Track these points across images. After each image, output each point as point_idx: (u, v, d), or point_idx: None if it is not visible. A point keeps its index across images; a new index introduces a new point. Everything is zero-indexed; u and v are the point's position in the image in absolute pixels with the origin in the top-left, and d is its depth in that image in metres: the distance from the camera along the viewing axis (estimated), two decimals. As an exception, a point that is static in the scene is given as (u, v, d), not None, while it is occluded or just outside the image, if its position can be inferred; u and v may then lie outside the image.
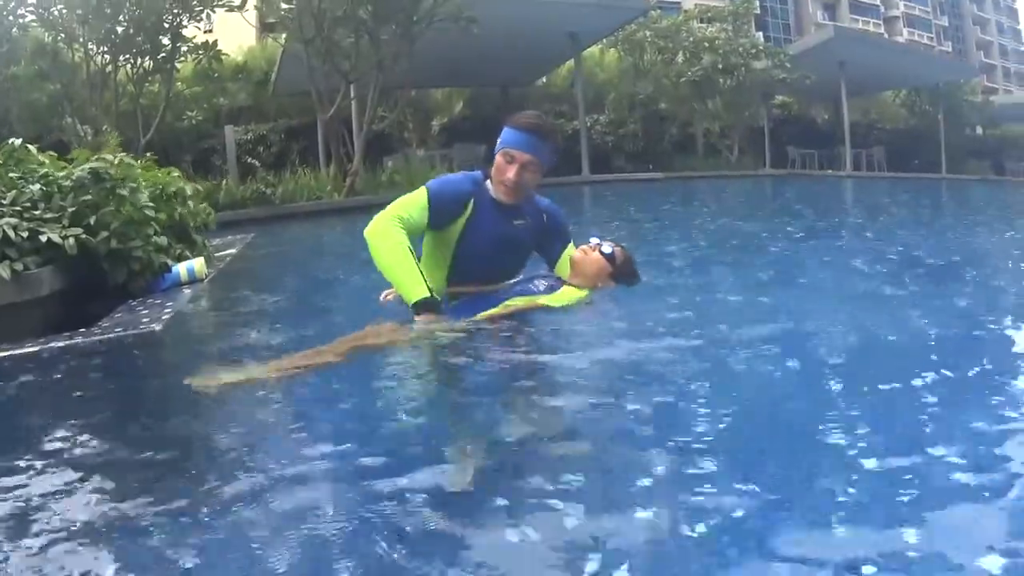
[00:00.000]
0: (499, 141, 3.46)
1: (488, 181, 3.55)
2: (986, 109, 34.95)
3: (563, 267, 3.66)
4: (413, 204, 3.36)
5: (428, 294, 3.12)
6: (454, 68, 21.14)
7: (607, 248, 3.59)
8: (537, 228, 3.64)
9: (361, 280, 5.25)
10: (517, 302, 3.33)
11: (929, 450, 1.85)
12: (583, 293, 3.48)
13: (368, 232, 3.26)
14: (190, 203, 5.69)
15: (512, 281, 3.57)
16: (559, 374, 2.66)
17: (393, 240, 3.22)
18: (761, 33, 44.26)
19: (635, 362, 2.73)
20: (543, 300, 3.37)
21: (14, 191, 4.25)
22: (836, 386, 2.40)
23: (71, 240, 4.05)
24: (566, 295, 3.44)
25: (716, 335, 3.14)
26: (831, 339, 3.13)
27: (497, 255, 3.54)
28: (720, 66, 23.71)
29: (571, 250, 3.68)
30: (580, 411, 2.28)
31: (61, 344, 3.28)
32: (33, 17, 14.76)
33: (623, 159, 24.14)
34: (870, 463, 1.76)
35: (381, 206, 3.36)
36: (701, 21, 27.26)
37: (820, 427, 2.01)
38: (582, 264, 3.55)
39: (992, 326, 3.47)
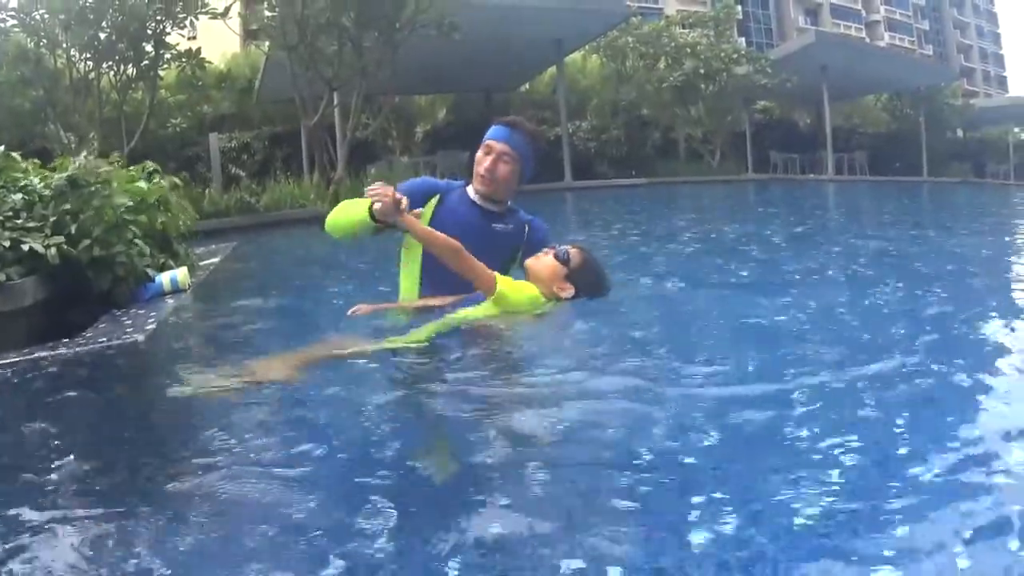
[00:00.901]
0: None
1: (468, 186, 3.60)
2: (967, 112, 35.30)
3: None
4: None
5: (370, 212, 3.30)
6: (437, 74, 21.22)
7: (562, 248, 3.39)
8: (517, 238, 3.60)
9: (345, 288, 5.28)
10: (456, 316, 3.18)
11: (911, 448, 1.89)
12: (536, 295, 3.30)
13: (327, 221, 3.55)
14: (174, 209, 5.67)
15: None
16: (516, 383, 2.66)
17: (340, 206, 3.52)
18: (743, 39, 44.57)
19: (600, 372, 2.73)
20: (478, 311, 3.20)
21: (-4, 201, 4.26)
22: (813, 394, 2.41)
23: (53, 250, 4.05)
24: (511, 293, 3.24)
25: (692, 340, 3.18)
26: (808, 343, 3.17)
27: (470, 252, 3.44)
28: (702, 71, 23.83)
29: None
30: (542, 417, 2.27)
31: (45, 355, 3.30)
32: (15, 22, 14.69)
33: (606, 165, 24.23)
34: (852, 464, 1.80)
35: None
36: (683, 27, 27.41)
37: (798, 432, 2.05)
38: (534, 269, 3.36)
39: (973, 324, 3.51)
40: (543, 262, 3.36)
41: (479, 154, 3.53)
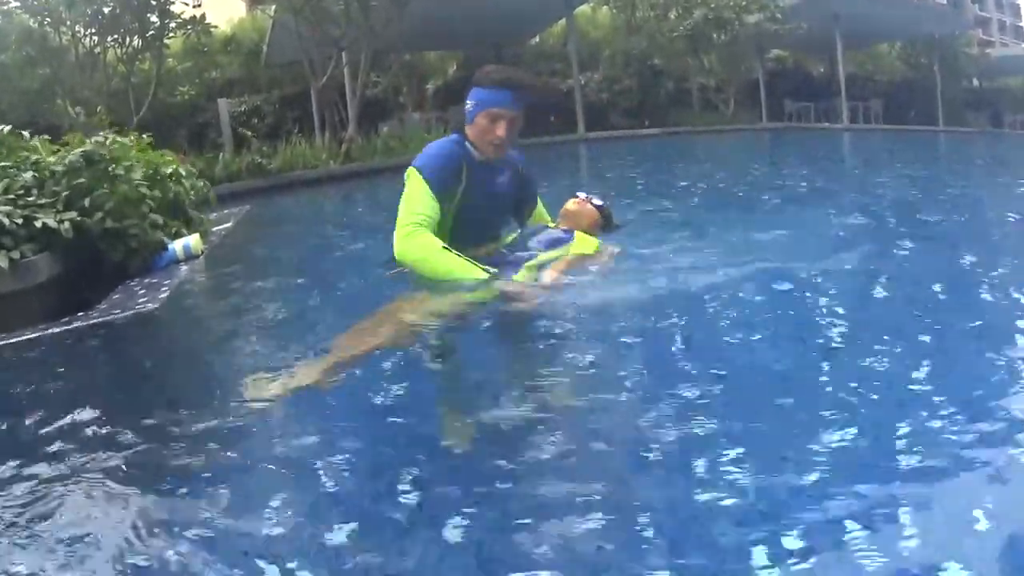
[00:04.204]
0: (474, 102, 3.26)
1: (465, 142, 3.33)
2: (982, 62, 34.69)
3: (538, 219, 3.73)
4: (418, 198, 3.14)
5: (489, 273, 3.00)
6: (446, 30, 21.02)
7: (598, 200, 3.82)
8: (516, 179, 3.52)
9: (359, 248, 5.26)
10: (555, 254, 3.33)
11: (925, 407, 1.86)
12: (595, 240, 3.55)
13: (400, 254, 3.09)
14: (185, 182, 5.65)
15: (515, 235, 3.55)
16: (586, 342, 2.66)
17: (427, 248, 3.06)
18: (755, -15, 43.68)
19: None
20: (575, 250, 3.40)
21: (6, 180, 4.25)
22: (834, 348, 2.38)
23: (66, 224, 4.06)
24: (585, 241, 3.49)
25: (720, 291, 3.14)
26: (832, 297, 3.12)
27: (493, 216, 3.51)
28: (711, 18, 23.45)
29: (539, 205, 3.77)
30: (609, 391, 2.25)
31: (59, 329, 3.31)
32: (17, 3, 14.67)
33: (619, 116, 24.02)
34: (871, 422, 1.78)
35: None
36: (692, -25, 26.92)
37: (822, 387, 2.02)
38: (578, 216, 3.71)
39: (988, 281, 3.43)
40: (587, 210, 3.78)
41: (483, 122, 3.23)
